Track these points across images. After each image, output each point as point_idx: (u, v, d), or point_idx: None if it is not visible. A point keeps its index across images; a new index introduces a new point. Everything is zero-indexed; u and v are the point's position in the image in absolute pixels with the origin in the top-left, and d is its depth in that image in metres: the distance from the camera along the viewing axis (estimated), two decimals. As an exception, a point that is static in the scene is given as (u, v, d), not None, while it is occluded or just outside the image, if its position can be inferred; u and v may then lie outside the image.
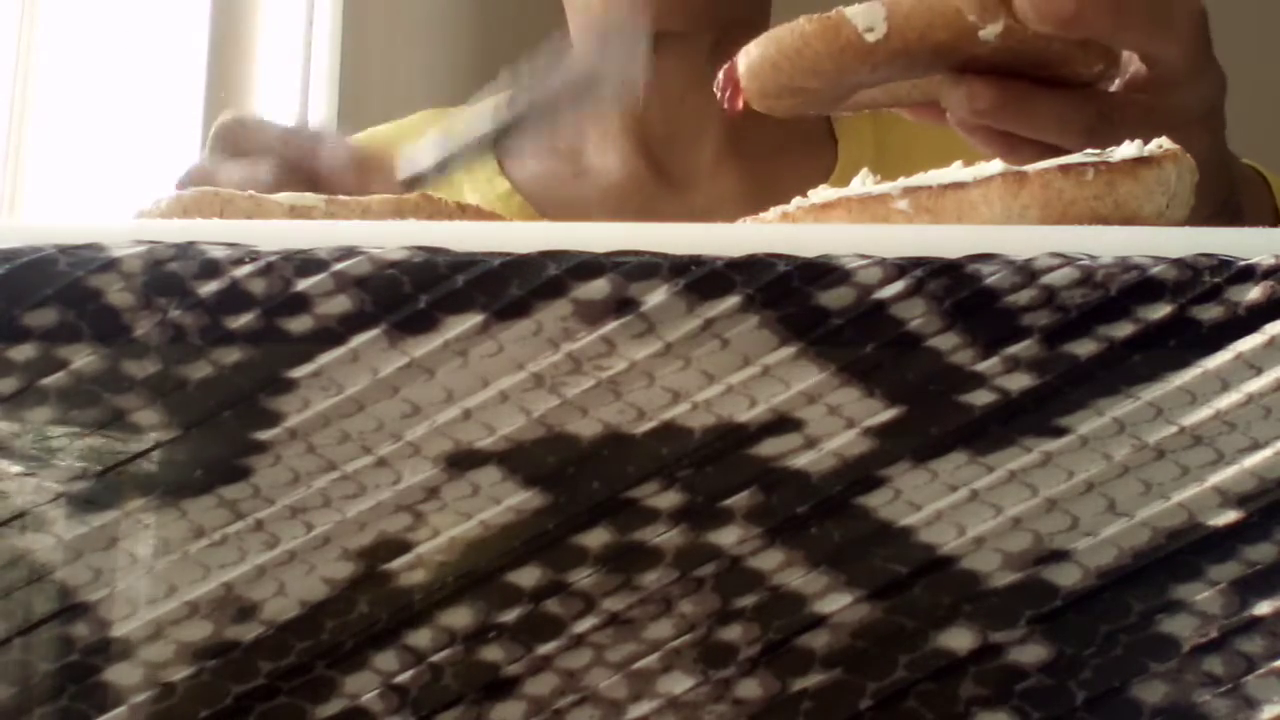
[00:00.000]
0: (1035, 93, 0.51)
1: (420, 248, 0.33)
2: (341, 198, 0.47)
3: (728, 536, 0.32)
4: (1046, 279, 0.32)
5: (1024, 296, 0.32)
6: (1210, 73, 0.53)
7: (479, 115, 0.62)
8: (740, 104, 0.50)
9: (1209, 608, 0.31)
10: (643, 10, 0.76)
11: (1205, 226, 0.39)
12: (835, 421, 0.32)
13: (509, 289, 0.32)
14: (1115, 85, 0.53)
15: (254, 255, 0.33)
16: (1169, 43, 0.51)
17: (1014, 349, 0.32)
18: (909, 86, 0.53)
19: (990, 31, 0.46)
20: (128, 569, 0.32)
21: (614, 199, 0.81)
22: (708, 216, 0.40)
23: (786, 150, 0.82)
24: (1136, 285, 0.32)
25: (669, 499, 0.32)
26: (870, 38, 0.46)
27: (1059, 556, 0.32)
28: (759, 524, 0.32)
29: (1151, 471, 0.32)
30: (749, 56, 0.50)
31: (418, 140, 0.92)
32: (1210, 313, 0.32)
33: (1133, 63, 0.53)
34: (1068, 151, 0.50)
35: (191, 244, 0.33)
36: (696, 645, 0.32)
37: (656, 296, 0.32)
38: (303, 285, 0.33)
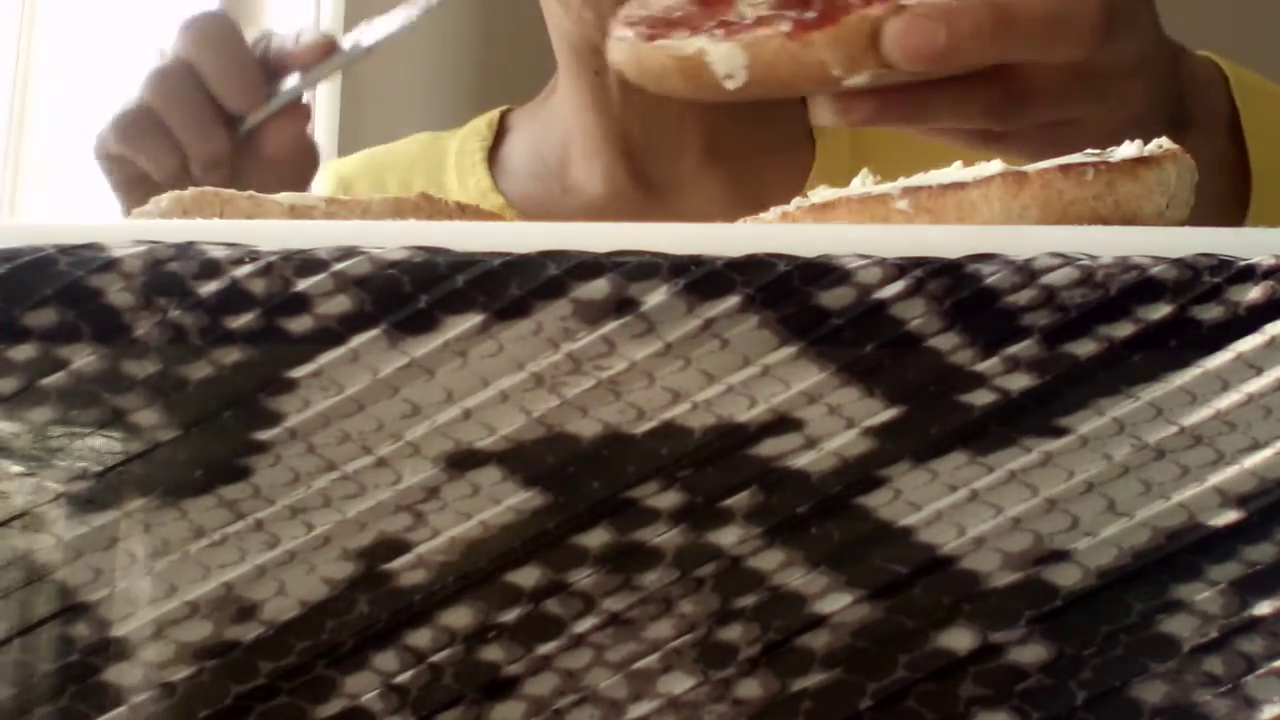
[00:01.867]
0: (922, 91, 0.47)
1: (420, 248, 0.33)
2: (341, 198, 0.47)
3: (728, 536, 0.32)
4: (1046, 279, 0.32)
5: (1024, 296, 0.32)
6: (1131, 32, 0.49)
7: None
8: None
9: (1209, 608, 0.31)
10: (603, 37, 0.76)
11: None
12: (835, 421, 0.32)
13: (509, 289, 0.32)
14: None
15: (254, 255, 0.33)
16: (1069, 45, 0.47)
17: (1014, 349, 0.32)
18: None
19: (854, 82, 0.44)
20: (128, 569, 0.32)
21: (598, 212, 0.82)
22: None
23: (766, 151, 0.83)
24: (1136, 285, 0.32)
25: (669, 499, 0.32)
26: (730, 85, 0.44)
27: (1059, 556, 0.32)
28: (759, 524, 0.32)
29: (1151, 471, 0.32)
30: (613, 60, 0.47)
31: (406, 156, 0.94)
32: (1210, 313, 0.32)
33: None
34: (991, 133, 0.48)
35: (191, 244, 0.33)
36: (696, 645, 0.32)
37: (656, 296, 0.32)
38: (303, 285, 0.33)
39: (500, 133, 0.90)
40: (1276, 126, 0.61)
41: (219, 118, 0.67)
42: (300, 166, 0.71)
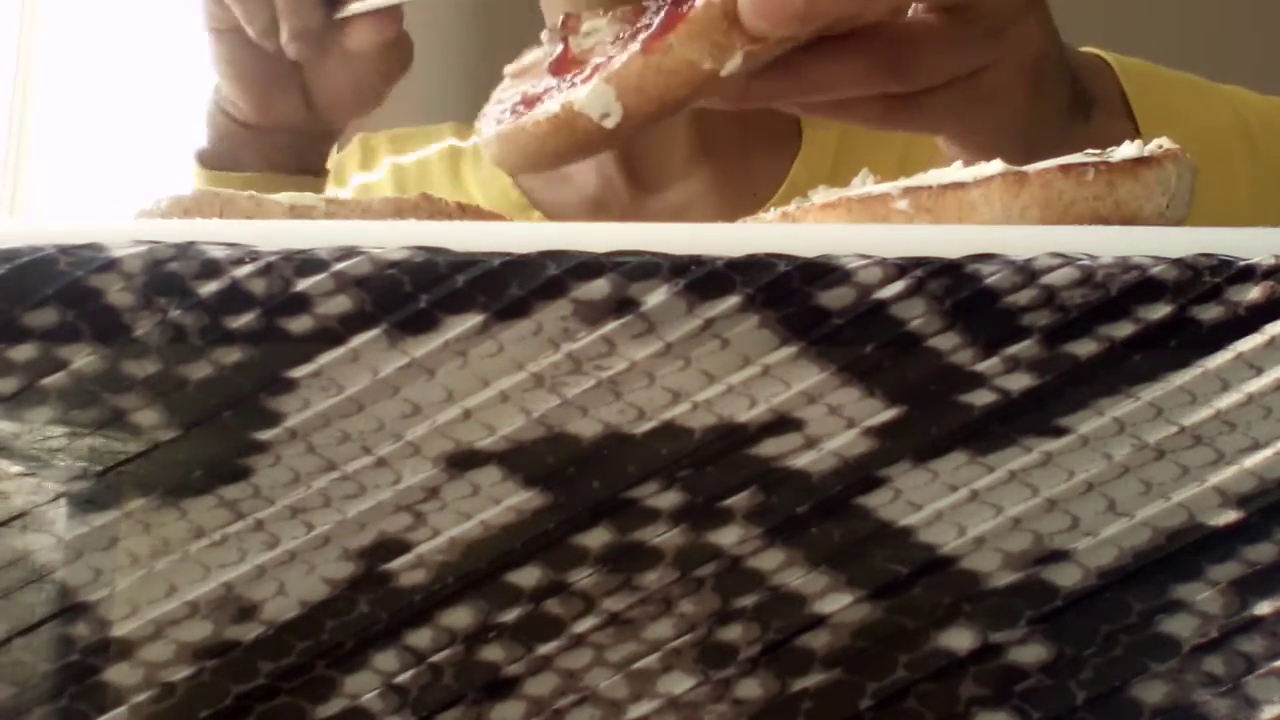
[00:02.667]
0: (798, 59, 0.46)
1: (420, 248, 0.33)
2: (341, 198, 0.47)
3: (728, 536, 0.32)
4: (1046, 279, 0.32)
5: (1024, 296, 0.32)
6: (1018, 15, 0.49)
7: None
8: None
9: (1209, 608, 0.31)
10: None
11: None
12: (835, 421, 0.32)
13: (509, 289, 0.32)
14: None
15: (254, 255, 0.33)
16: (929, 4, 0.47)
17: (1014, 349, 0.32)
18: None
19: (731, 67, 0.43)
20: (128, 569, 0.32)
21: (592, 205, 0.84)
22: (684, 213, 0.40)
23: (754, 144, 0.84)
24: (1136, 285, 0.32)
25: (669, 499, 0.32)
26: (609, 123, 0.43)
27: (1059, 556, 0.32)
28: (759, 524, 0.32)
29: (1151, 471, 0.32)
30: (491, 153, 0.46)
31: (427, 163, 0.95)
32: (1210, 313, 0.32)
33: None
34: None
35: (191, 244, 0.33)
36: (696, 645, 0.32)
37: (656, 296, 0.32)
38: (303, 285, 0.33)
39: None
40: (1162, 102, 0.62)
41: None
42: (385, 64, 0.72)
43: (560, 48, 0.46)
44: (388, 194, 0.85)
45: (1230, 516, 0.31)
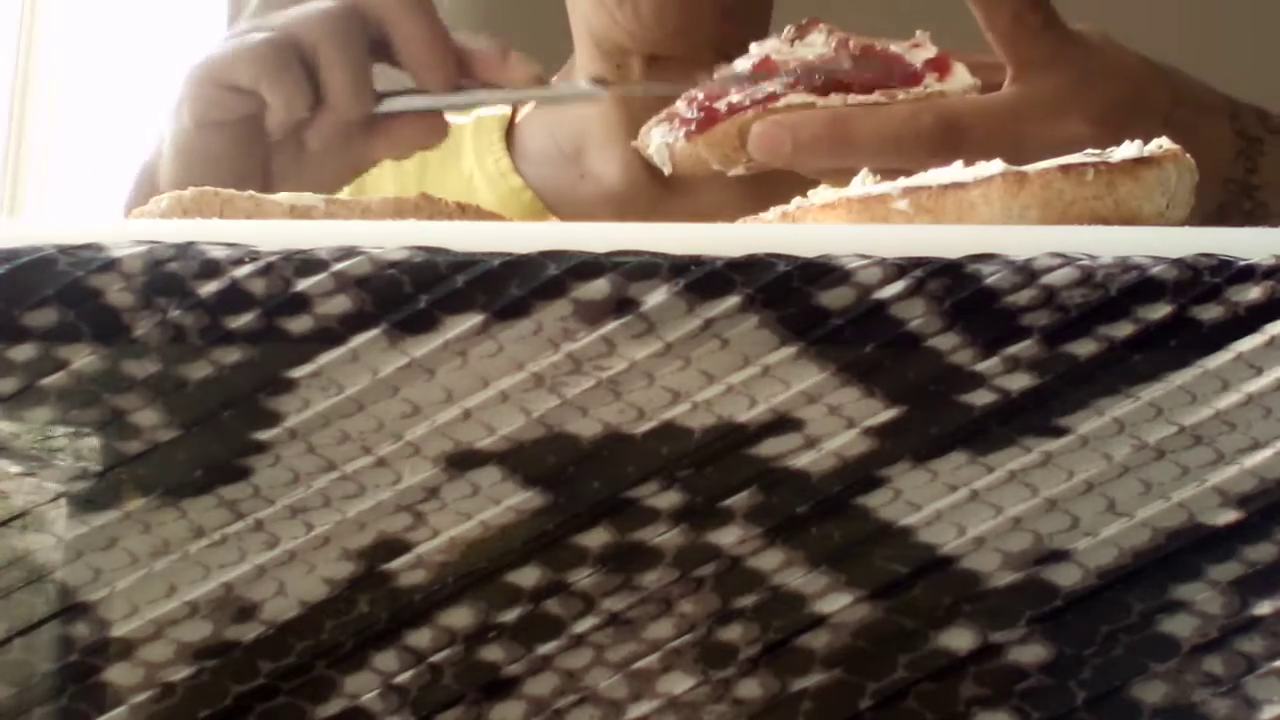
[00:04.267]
0: (852, 117, 0.52)
1: (420, 248, 0.33)
2: (341, 198, 0.47)
3: (728, 536, 0.32)
4: (1046, 279, 0.32)
5: (1024, 296, 0.32)
6: (1015, 147, 0.50)
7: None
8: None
9: (1209, 608, 0.31)
10: (641, 37, 0.77)
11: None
12: (835, 421, 0.32)
13: (509, 289, 0.32)
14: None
15: (254, 255, 0.33)
16: (905, 161, 0.50)
17: (1014, 349, 0.32)
18: None
19: (736, 172, 0.55)
20: (128, 569, 0.32)
21: (616, 203, 0.82)
22: (709, 219, 0.41)
23: None
24: (1136, 285, 0.32)
25: (669, 499, 0.32)
26: (666, 171, 0.56)
27: (1059, 556, 0.32)
28: (759, 524, 0.32)
29: (1151, 471, 0.32)
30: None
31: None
32: (1210, 313, 0.32)
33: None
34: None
35: (191, 244, 0.33)
36: (696, 645, 0.32)
37: (656, 296, 0.32)
38: (303, 285, 0.33)
39: (513, 115, 0.90)
40: None
41: (372, 84, 0.60)
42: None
43: (767, 54, 0.57)
44: (386, 184, 0.84)
45: (1230, 516, 0.31)
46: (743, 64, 0.57)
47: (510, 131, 0.88)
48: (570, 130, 0.86)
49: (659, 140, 0.56)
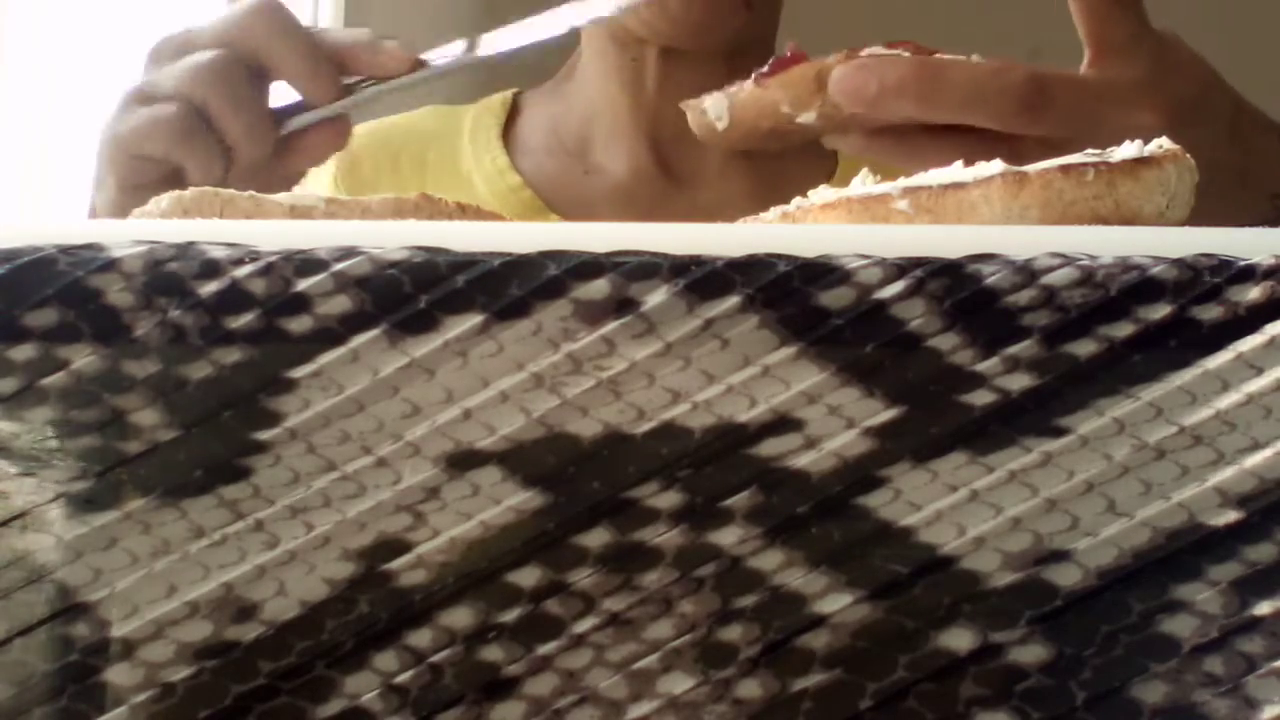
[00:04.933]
0: (942, 64, 0.51)
1: (420, 248, 0.33)
2: (341, 198, 0.47)
3: (728, 536, 0.32)
4: (1046, 279, 0.32)
5: (1024, 296, 0.32)
6: (1093, 126, 0.51)
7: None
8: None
9: (1209, 608, 0.31)
10: (663, 30, 0.77)
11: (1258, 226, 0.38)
12: (835, 421, 0.32)
13: (509, 289, 0.32)
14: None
15: (254, 255, 0.33)
16: (989, 116, 0.50)
17: (1014, 349, 0.32)
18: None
19: (806, 118, 0.53)
20: (128, 569, 0.32)
21: (622, 197, 0.82)
22: (715, 214, 0.41)
23: (792, 154, 0.83)
24: (1136, 285, 0.32)
25: (669, 499, 0.32)
26: (720, 126, 0.55)
27: (1059, 556, 0.32)
28: (759, 524, 0.32)
29: (1151, 471, 0.32)
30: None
31: (418, 131, 0.91)
32: (1210, 313, 0.32)
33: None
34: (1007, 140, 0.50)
35: (191, 244, 0.33)
36: (696, 645, 0.32)
37: (656, 296, 0.32)
38: (303, 285, 0.33)
39: (513, 112, 0.89)
40: None
41: (269, 116, 0.62)
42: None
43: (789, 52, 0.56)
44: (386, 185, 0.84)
45: (1230, 516, 0.31)
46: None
47: (508, 129, 0.88)
48: (575, 124, 0.86)
49: (718, 96, 0.55)
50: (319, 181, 0.86)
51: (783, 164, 0.82)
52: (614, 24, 0.79)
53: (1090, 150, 0.40)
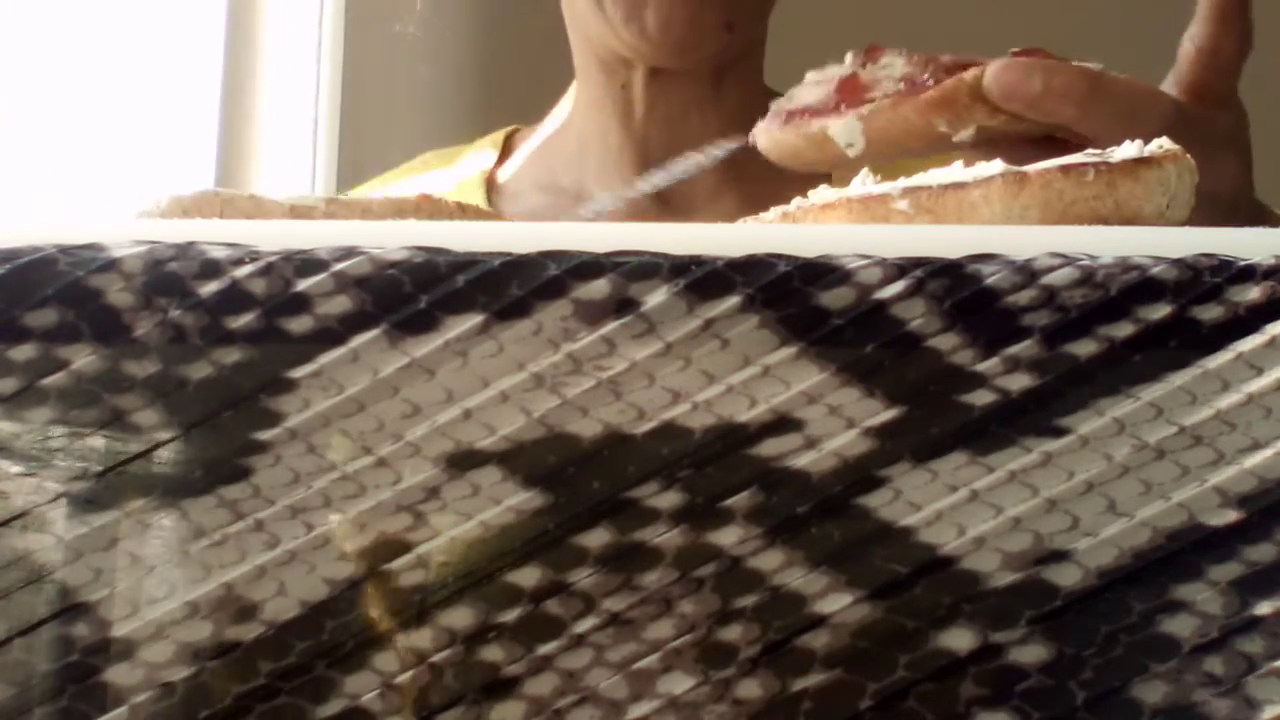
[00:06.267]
0: (1103, 75, 0.51)
1: (420, 248, 0.33)
2: (341, 198, 0.47)
3: (728, 536, 0.32)
4: (1046, 279, 0.32)
5: (1024, 296, 0.32)
6: (1211, 160, 0.51)
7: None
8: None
9: (1209, 608, 0.31)
10: (646, 52, 0.78)
11: None
12: (835, 421, 0.32)
13: (509, 289, 0.32)
14: None
15: (254, 255, 0.33)
16: (1137, 133, 0.51)
17: (1014, 349, 0.32)
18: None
19: (964, 136, 0.51)
20: (128, 569, 0.32)
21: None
22: None
23: (783, 176, 0.83)
24: (1136, 285, 0.32)
25: (669, 499, 0.32)
26: (851, 153, 0.51)
27: (1059, 556, 0.32)
28: (759, 524, 0.32)
29: (1151, 471, 0.32)
30: (758, 146, 0.56)
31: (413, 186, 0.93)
32: (1210, 313, 0.32)
33: None
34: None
35: (191, 244, 0.33)
36: (696, 645, 0.32)
37: (656, 296, 0.32)
38: (303, 285, 0.33)
39: (505, 153, 0.90)
40: None
41: None
42: None
43: (853, 71, 0.54)
44: None
45: (1230, 516, 0.31)
46: (833, 70, 0.56)
47: (498, 170, 0.89)
48: (570, 157, 0.86)
49: (842, 121, 0.52)
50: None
51: (775, 187, 0.82)
52: (603, 50, 0.81)
53: (1090, 150, 0.40)
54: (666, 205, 0.84)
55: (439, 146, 0.99)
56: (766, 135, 0.55)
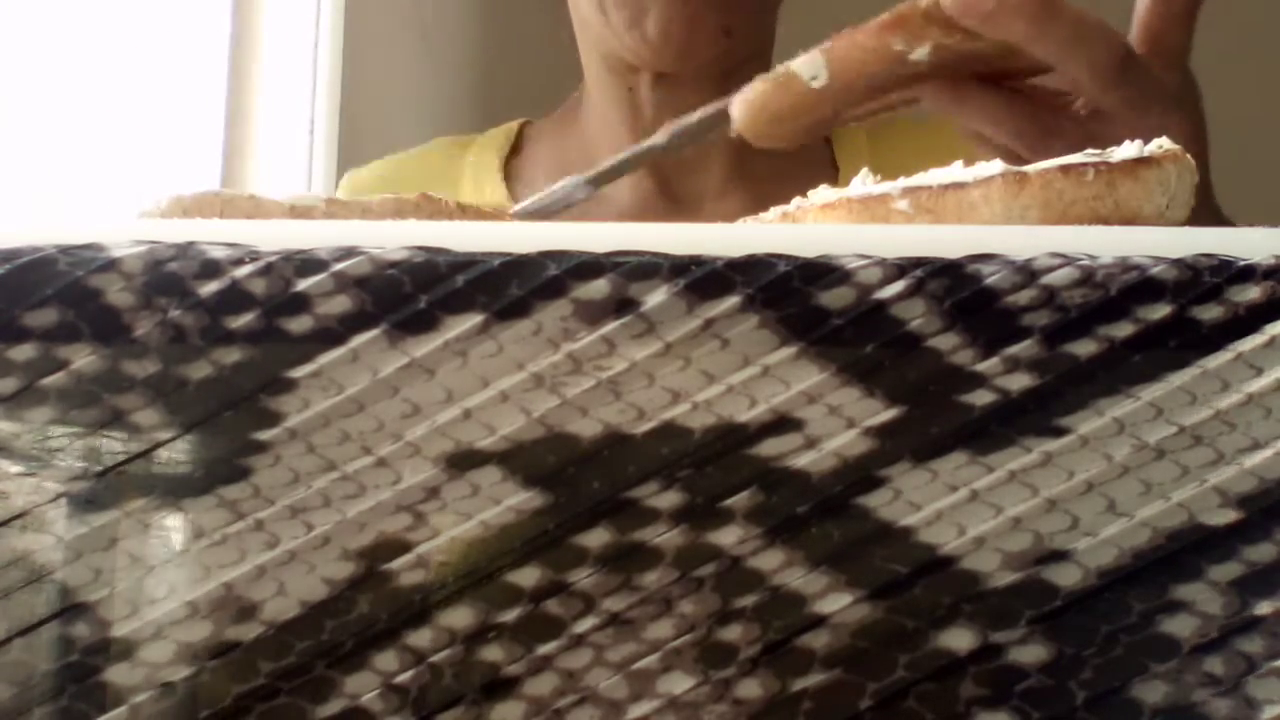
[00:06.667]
0: (969, 88, 0.53)
1: (420, 248, 0.33)
2: (341, 198, 0.47)
3: (728, 536, 0.32)
4: (1046, 279, 0.32)
5: (1024, 296, 0.32)
6: (1144, 113, 0.53)
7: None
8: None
9: (1209, 608, 0.31)
10: (648, 58, 0.79)
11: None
12: (835, 421, 0.32)
13: (509, 289, 0.32)
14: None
15: (254, 255, 0.33)
16: (1080, 68, 0.52)
17: (1014, 349, 0.32)
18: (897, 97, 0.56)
19: (920, 54, 0.51)
20: (127, 569, 0.32)
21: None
22: None
23: (789, 173, 0.84)
24: (1136, 285, 0.32)
25: (669, 499, 0.32)
26: (816, 84, 0.52)
27: (1059, 556, 0.32)
28: (759, 524, 0.32)
29: (1151, 471, 0.32)
30: (733, 117, 0.55)
31: (424, 168, 0.93)
32: (1210, 313, 0.32)
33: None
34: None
35: (191, 244, 0.33)
36: (696, 645, 0.32)
37: (656, 296, 0.32)
38: (303, 285, 0.33)
39: (518, 144, 0.91)
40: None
41: None
42: None
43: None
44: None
45: (1230, 516, 0.31)
46: None
47: (512, 161, 0.90)
48: (580, 155, 0.87)
49: (804, 56, 0.53)
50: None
51: (781, 186, 0.83)
52: (609, 54, 0.81)
53: (1090, 150, 0.40)
54: (674, 203, 0.85)
55: (440, 133, 0.99)
56: (738, 106, 0.55)
